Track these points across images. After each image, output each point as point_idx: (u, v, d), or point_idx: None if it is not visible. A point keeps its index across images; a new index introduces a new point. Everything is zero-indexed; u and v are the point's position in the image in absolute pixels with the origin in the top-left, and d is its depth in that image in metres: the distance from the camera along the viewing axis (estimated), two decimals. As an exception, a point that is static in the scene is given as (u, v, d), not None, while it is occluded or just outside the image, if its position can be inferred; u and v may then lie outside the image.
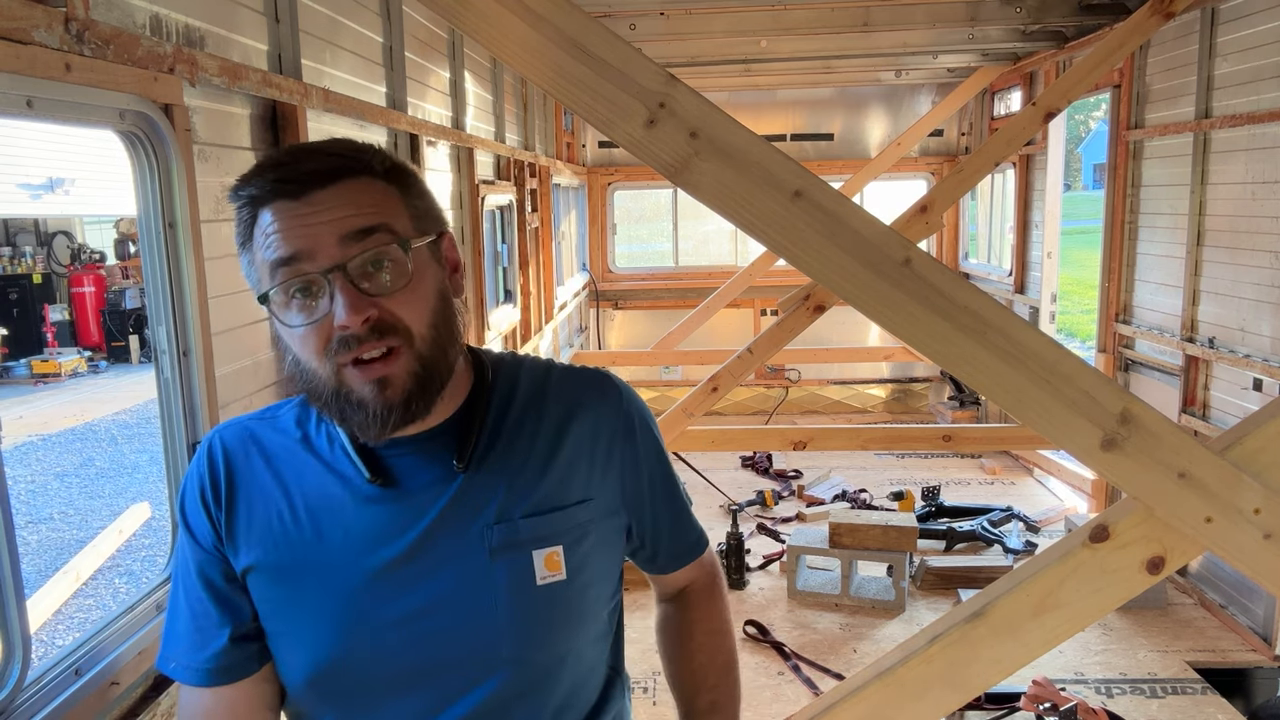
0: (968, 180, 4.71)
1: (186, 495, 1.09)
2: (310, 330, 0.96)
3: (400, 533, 1.03)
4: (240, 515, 1.06)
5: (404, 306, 0.96)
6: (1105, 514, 1.10)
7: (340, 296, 0.93)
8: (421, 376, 0.97)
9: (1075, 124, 35.87)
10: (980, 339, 1.00)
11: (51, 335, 13.26)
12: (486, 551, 1.03)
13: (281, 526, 1.05)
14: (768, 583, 4.60)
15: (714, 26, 4.99)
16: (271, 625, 1.06)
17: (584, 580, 1.08)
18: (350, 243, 0.94)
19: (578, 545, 1.07)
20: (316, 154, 0.98)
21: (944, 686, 1.13)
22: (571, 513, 1.07)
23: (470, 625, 1.03)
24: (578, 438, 1.10)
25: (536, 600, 1.05)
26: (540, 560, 1.05)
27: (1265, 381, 3.73)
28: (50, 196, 11.68)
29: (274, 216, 0.95)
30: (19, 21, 1.36)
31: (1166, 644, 3.84)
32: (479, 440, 1.05)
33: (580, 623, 1.10)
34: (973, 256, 7.82)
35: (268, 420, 1.12)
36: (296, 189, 0.95)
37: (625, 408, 1.14)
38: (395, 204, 0.99)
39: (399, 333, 0.96)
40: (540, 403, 1.10)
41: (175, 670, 1.07)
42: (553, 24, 0.95)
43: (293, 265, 0.94)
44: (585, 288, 7.84)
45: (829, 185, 1.01)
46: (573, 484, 1.08)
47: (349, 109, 2.73)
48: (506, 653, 1.04)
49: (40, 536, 6.77)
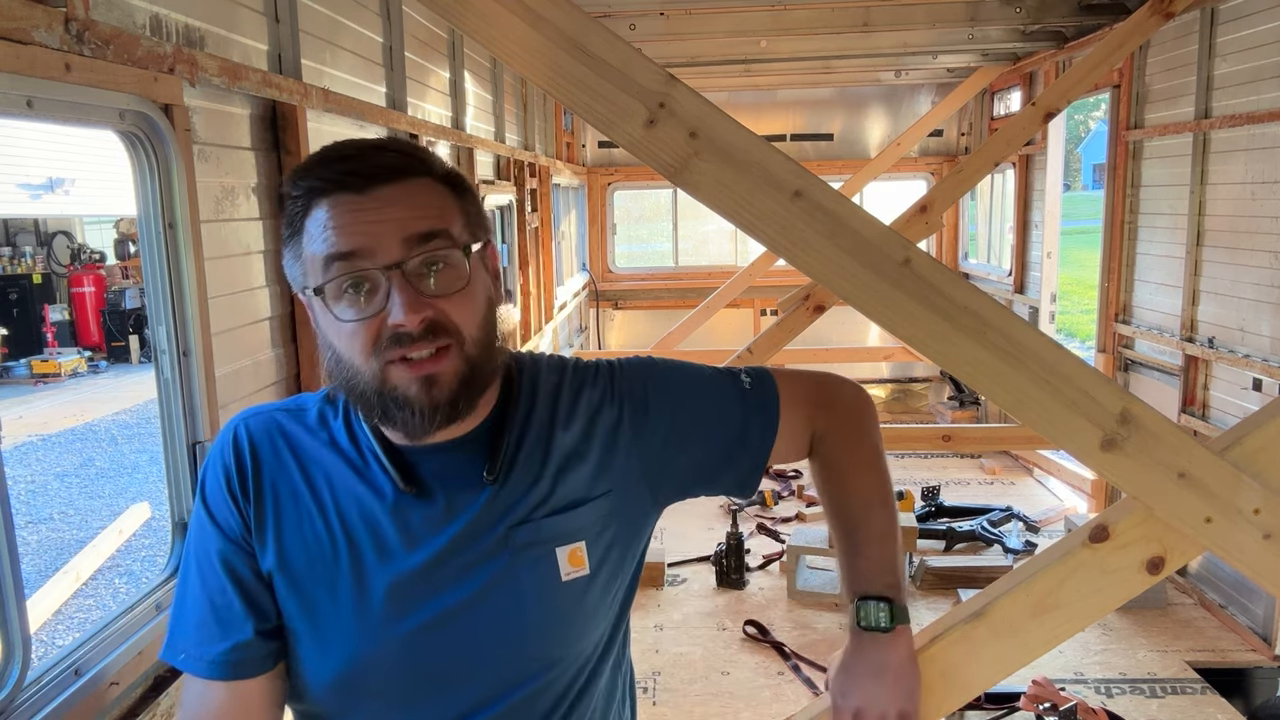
0: (967, 180, 4.71)
1: (209, 482, 1.07)
2: (361, 326, 0.95)
3: (430, 540, 1.03)
4: (268, 510, 1.05)
5: (458, 309, 0.97)
6: (1105, 514, 1.10)
7: (398, 295, 0.93)
8: (467, 377, 0.98)
9: (1075, 124, 35.87)
10: (980, 339, 1.00)
11: (51, 335, 13.25)
12: (511, 553, 1.03)
13: (312, 529, 1.04)
14: (768, 583, 4.60)
15: (714, 26, 4.99)
16: (297, 625, 1.05)
17: (608, 572, 1.09)
18: (412, 245, 0.94)
19: (600, 538, 1.08)
20: (380, 150, 0.98)
21: (944, 686, 1.13)
22: (593, 507, 1.08)
23: (498, 627, 1.03)
24: (594, 433, 1.10)
25: (562, 597, 1.05)
26: (564, 557, 1.05)
27: (1265, 381, 3.73)
28: (50, 196, 11.68)
29: (334, 210, 0.94)
30: (19, 21, 1.36)
31: (1166, 644, 3.83)
32: (507, 450, 1.06)
33: (605, 614, 1.11)
34: (972, 256, 7.82)
35: (294, 414, 1.09)
36: (362, 183, 0.94)
37: (620, 392, 1.12)
38: (453, 208, 0.99)
39: (451, 334, 0.96)
40: (559, 405, 1.10)
41: (186, 662, 1.04)
42: (553, 24, 0.95)
43: (351, 261, 0.93)
44: (585, 288, 7.84)
45: (829, 185, 1.00)
46: (592, 478, 1.08)
47: (349, 109, 2.73)
48: (534, 651, 1.05)
49: (40, 536, 6.77)
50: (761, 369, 1.21)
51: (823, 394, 1.20)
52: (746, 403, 1.15)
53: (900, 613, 1.12)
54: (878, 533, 1.15)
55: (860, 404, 1.22)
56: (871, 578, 1.13)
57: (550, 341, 5.97)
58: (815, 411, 1.19)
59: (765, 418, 1.15)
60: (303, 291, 0.99)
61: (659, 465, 1.12)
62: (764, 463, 1.16)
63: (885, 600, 1.11)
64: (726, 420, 1.15)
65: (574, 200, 7.71)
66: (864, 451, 1.19)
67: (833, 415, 1.19)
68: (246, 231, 2.26)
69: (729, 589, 4.52)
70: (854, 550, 1.16)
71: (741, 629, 4.06)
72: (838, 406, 1.20)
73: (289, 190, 0.97)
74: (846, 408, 1.20)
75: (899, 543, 1.17)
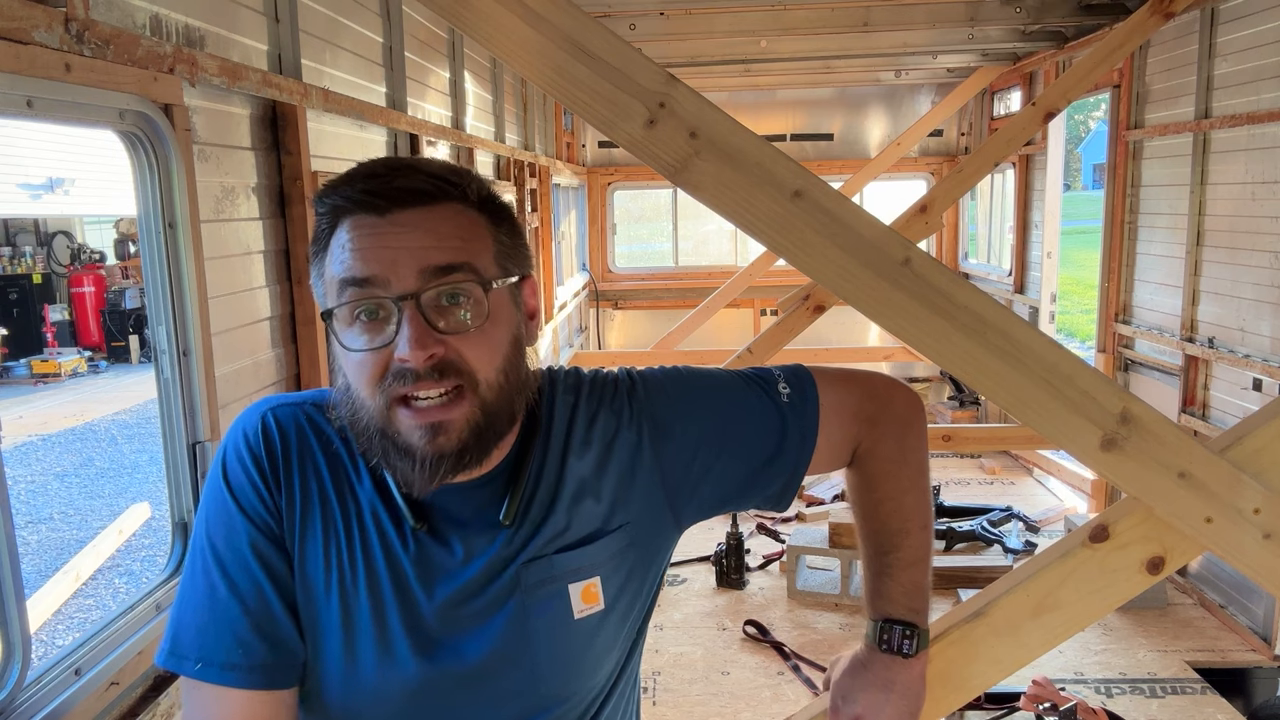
0: (967, 180, 4.71)
1: (233, 471, 0.97)
2: (368, 356, 0.89)
3: (445, 582, 0.98)
4: (298, 509, 0.97)
5: (474, 349, 0.90)
6: (1105, 514, 1.10)
7: (407, 328, 0.87)
8: (480, 427, 0.91)
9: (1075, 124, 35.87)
10: (980, 339, 1.00)
11: (51, 335, 13.25)
12: (523, 592, 0.98)
13: (336, 543, 0.97)
14: (768, 583, 4.60)
15: (714, 26, 4.99)
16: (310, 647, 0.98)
17: (624, 605, 1.04)
18: (429, 276, 0.88)
19: (616, 572, 1.02)
20: (411, 171, 0.92)
21: (944, 686, 1.13)
22: (609, 541, 1.02)
23: (510, 665, 0.99)
24: (610, 461, 1.03)
25: (574, 635, 1.00)
26: (577, 594, 1.00)
27: (1265, 381, 3.73)
28: (50, 196, 11.69)
29: (354, 232, 0.89)
30: (19, 21, 1.36)
31: (1166, 644, 3.83)
32: (525, 490, 0.99)
33: (620, 646, 1.06)
34: (972, 256, 7.82)
35: (320, 411, 1.01)
36: (384, 205, 0.89)
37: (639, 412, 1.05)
38: (482, 237, 0.93)
39: (463, 376, 0.89)
40: (574, 431, 1.03)
41: (202, 670, 0.93)
42: (553, 24, 0.94)
43: (364, 287, 0.88)
44: (585, 288, 7.84)
45: (829, 185, 1.00)
46: (609, 510, 1.02)
47: (349, 109, 2.73)
48: (547, 689, 1.01)
49: (40, 536, 6.77)
50: (803, 371, 1.11)
51: (872, 404, 1.11)
52: (782, 416, 1.07)
53: (924, 639, 1.09)
54: (912, 557, 1.10)
55: (910, 415, 1.13)
56: (899, 602, 1.09)
57: (550, 342, 5.97)
58: (860, 424, 1.11)
59: (803, 432, 1.07)
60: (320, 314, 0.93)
61: (682, 487, 1.05)
62: (800, 477, 1.08)
63: (910, 625, 1.08)
64: (758, 434, 1.06)
65: (574, 200, 7.71)
66: (909, 471, 1.12)
67: (879, 429, 1.11)
68: (246, 231, 2.26)
69: (729, 589, 4.52)
70: (884, 570, 1.11)
71: (741, 629, 4.06)
72: (886, 419, 1.11)
73: (317, 205, 0.93)
74: (895, 420, 1.12)
75: (931, 565, 1.12)
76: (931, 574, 1.14)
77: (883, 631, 1.09)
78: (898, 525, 1.11)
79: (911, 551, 1.10)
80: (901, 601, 1.10)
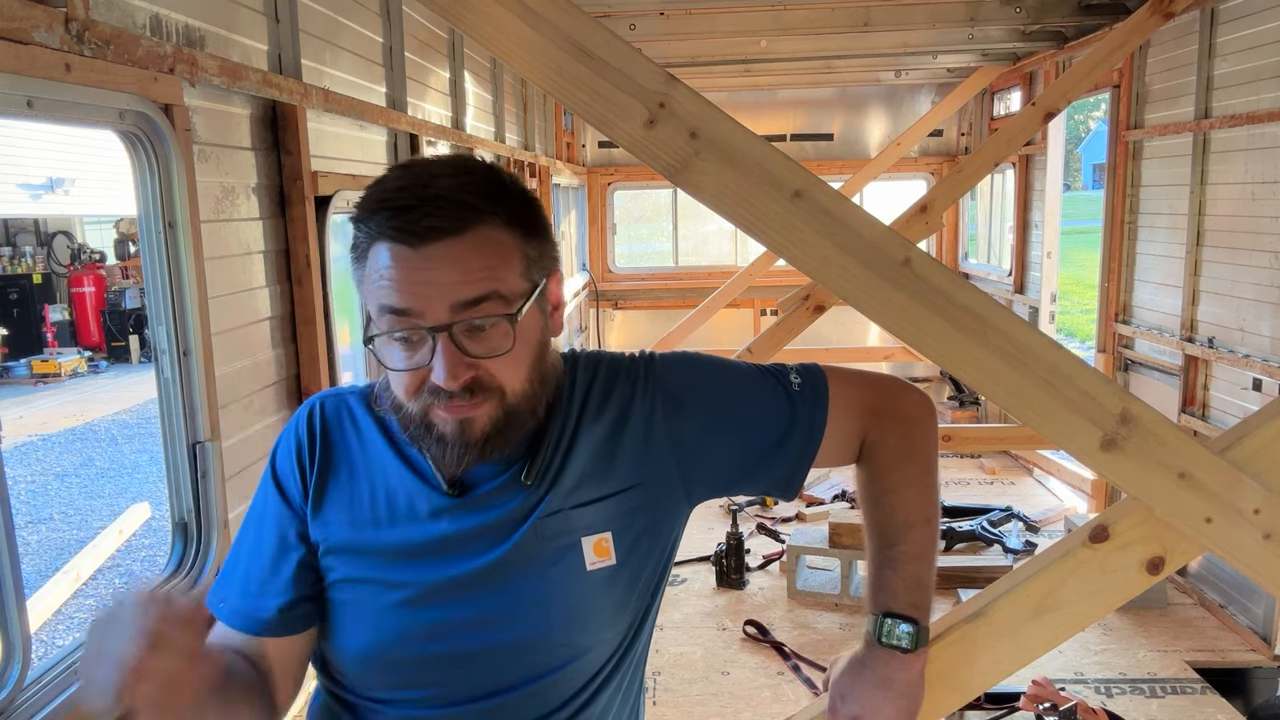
0: (967, 180, 4.71)
1: (280, 452, 1.14)
2: (407, 374, 1.00)
3: (467, 536, 1.07)
4: (330, 484, 1.11)
5: (502, 369, 1.00)
6: (1105, 514, 1.10)
7: (441, 357, 0.97)
8: (503, 423, 1.02)
9: (1075, 124, 35.87)
10: (980, 339, 1.00)
11: (51, 335, 13.26)
12: (539, 542, 1.07)
13: (367, 508, 1.09)
14: (767, 583, 4.59)
15: (714, 26, 4.99)
16: (339, 595, 1.09)
17: (635, 563, 1.11)
18: (459, 310, 0.97)
19: (628, 530, 1.10)
20: (441, 204, 0.96)
21: (944, 686, 1.13)
22: (621, 499, 1.10)
23: (524, 613, 1.07)
24: (625, 426, 1.11)
25: (587, 586, 1.08)
26: (589, 547, 1.08)
27: (1265, 381, 3.73)
28: (50, 196, 11.69)
29: (392, 259, 0.97)
30: (19, 21, 1.36)
31: (1166, 644, 3.83)
32: (546, 453, 1.09)
33: (631, 607, 1.12)
34: (972, 256, 7.82)
35: (364, 396, 1.15)
36: (416, 240, 0.96)
37: (654, 385, 1.12)
38: (510, 259, 1.00)
39: (491, 391, 1.00)
40: (590, 398, 1.12)
41: (223, 612, 1.10)
42: (553, 24, 0.95)
43: (403, 317, 0.98)
44: (585, 288, 7.84)
45: (829, 185, 1.00)
46: (621, 470, 1.10)
47: (349, 109, 2.73)
48: (558, 637, 1.08)
49: (40, 536, 6.77)
50: (816, 368, 1.18)
51: (881, 401, 1.16)
52: (792, 402, 1.13)
53: (924, 635, 1.10)
54: (915, 552, 1.12)
55: (919, 414, 1.17)
56: (900, 596, 1.11)
57: (550, 341, 5.96)
58: (870, 419, 1.15)
59: (812, 419, 1.13)
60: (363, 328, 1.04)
61: (693, 460, 1.12)
62: (807, 466, 1.14)
63: (911, 621, 1.09)
64: (768, 419, 1.13)
65: (574, 200, 7.71)
66: (914, 467, 1.15)
67: (887, 425, 1.15)
68: (246, 231, 2.26)
69: (729, 589, 4.52)
70: (887, 564, 1.12)
71: (741, 629, 4.06)
72: (894, 416, 1.16)
73: (354, 216, 1.01)
74: (903, 418, 1.16)
75: (935, 562, 1.14)
76: (935, 573, 1.14)
77: (882, 625, 1.10)
78: (901, 519, 1.14)
79: (915, 546, 1.12)
80: (903, 595, 1.11)
